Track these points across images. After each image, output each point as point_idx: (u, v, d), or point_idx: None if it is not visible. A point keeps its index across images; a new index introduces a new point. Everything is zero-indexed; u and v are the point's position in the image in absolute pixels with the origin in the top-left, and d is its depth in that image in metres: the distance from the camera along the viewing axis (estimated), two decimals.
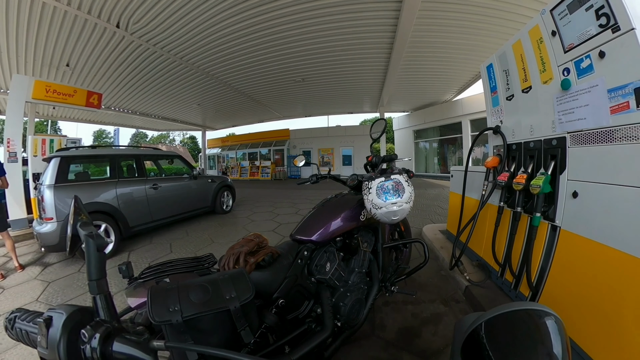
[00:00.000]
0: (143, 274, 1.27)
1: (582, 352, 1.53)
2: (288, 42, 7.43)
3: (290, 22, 6.40)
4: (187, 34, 6.78)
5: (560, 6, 1.73)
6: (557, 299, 1.78)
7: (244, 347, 1.11)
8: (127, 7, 5.60)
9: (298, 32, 6.87)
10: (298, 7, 5.83)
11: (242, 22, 6.36)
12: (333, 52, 8.08)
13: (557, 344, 0.45)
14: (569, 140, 1.77)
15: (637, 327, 1.29)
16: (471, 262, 2.89)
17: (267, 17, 6.15)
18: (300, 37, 7.17)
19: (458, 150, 13.99)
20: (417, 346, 1.89)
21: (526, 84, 2.17)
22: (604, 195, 1.51)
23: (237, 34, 6.87)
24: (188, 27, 6.48)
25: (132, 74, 8.97)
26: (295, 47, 7.77)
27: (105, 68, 8.24)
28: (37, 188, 3.98)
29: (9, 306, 2.68)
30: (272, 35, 6.99)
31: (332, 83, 11.00)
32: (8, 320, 0.56)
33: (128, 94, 10.74)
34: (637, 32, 1.35)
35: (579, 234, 1.65)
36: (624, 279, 1.37)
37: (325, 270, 1.56)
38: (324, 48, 7.85)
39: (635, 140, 1.38)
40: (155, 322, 0.93)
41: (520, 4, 5.56)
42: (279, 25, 6.55)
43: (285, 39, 7.23)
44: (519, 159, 2.26)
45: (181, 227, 5.43)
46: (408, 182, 1.67)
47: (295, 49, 7.89)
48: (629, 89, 1.39)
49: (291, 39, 7.25)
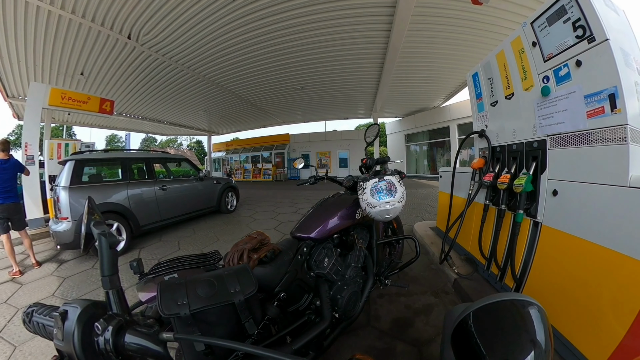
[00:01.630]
0: (153, 270, 1.27)
1: (563, 338, 1.54)
2: (288, 53, 7.43)
3: (291, 34, 6.41)
4: (194, 45, 6.77)
5: (540, 19, 1.75)
6: (540, 289, 1.79)
7: (248, 337, 1.11)
8: (138, 20, 5.59)
9: (298, 43, 6.87)
10: (298, 20, 5.84)
11: (246, 34, 6.37)
12: (330, 61, 8.09)
13: (540, 331, 0.45)
14: (548, 143, 1.79)
15: (613, 313, 1.30)
16: (459, 256, 2.89)
17: (269, 29, 6.15)
18: (300, 48, 7.18)
19: (446, 152, 14.03)
20: (410, 335, 1.89)
21: (509, 91, 2.19)
22: (581, 193, 1.53)
23: (240, 45, 6.87)
24: (195, 39, 6.47)
25: (143, 82, 8.93)
26: (295, 57, 7.78)
27: (117, 76, 8.21)
28: (53, 189, 3.96)
29: (27, 301, 2.66)
30: (273, 46, 7.00)
31: (329, 91, 11.01)
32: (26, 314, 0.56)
33: (138, 101, 10.70)
34: (610, 42, 1.36)
35: (559, 229, 1.66)
36: (601, 270, 1.38)
37: (324, 265, 1.56)
38: (321, 58, 7.86)
39: (609, 142, 1.39)
40: (164, 315, 0.93)
41: (503, 17, 5.60)
42: (280, 37, 6.56)
43: (286, 49, 7.24)
44: (503, 161, 2.27)
45: (188, 226, 5.41)
46: (400, 182, 1.67)
47: (295, 59, 7.90)
48: (603, 94, 1.41)
49: (291, 50, 7.26)
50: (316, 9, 5.47)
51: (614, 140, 1.37)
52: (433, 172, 14.81)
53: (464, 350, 0.47)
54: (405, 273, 2.74)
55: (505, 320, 0.48)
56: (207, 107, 12.73)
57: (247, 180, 19.10)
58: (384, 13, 5.55)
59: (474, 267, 2.62)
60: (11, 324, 2.26)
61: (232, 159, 22.78)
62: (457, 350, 0.48)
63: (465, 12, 5.48)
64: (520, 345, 0.45)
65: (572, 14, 1.52)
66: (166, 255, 3.84)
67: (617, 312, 1.28)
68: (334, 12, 5.61)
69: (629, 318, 1.22)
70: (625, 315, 1.24)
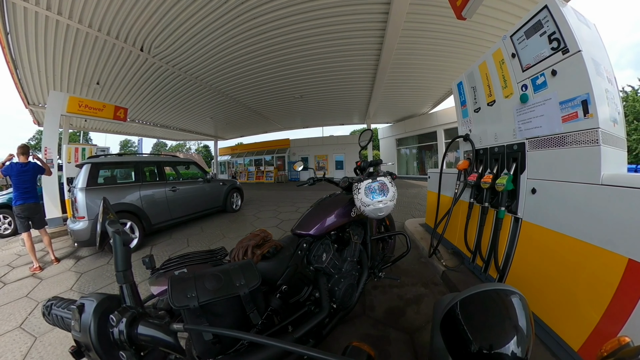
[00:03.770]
0: (164, 265, 1.26)
1: (543, 324, 1.55)
2: (288, 64, 7.44)
3: (291, 46, 6.42)
4: (202, 57, 6.76)
5: (519, 32, 1.76)
6: (521, 279, 1.79)
7: (253, 327, 1.10)
8: (150, 34, 5.58)
9: (297, 55, 6.88)
10: (297, 34, 5.85)
11: (249, 47, 6.37)
12: (327, 72, 8.11)
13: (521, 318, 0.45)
14: (527, 145, 1.80)
15: (588, 300, 1.31)
16: (447, 250, 2.90)
17: (271, 42, 6.17)
18: (299, 60, 7.19)
19: (434, 155, 14.07)
20: (403, 323, 1.89)
21: (491, 99, 2.20)
22: (557, 191, 1.54)
23: (244, 57, 6.87)
24: (202, 51, 6.46)
25: (154, 91, 8.90)
26: (295, 68, 7.79)
27: (130, 86, 8.17)
28: (70, 190, 3.93)
29: (46, 295, 2.64)
30: (274, 58, 7.00)
31: (326, 99, 11.02)
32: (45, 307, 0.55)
33: (150, 108, 10.65)
34: (583, 53, 1.38)
35: (538, 224, 1.67)
36: (577, 261, 1.39)
37: (322, 259, 1.56)
38: (319, 69, 7.87)
39: (583, 144, 1.40)
40: (175, 307, 0.92)
41: (485, 31, 5.64)
42: (281, 50, 6.57)
43: (286, 61, 7.24)
44: (486, 162, 2.28)
45: (197, 224, 5.38)
46: (392, 183, 1.67)
47: (294, 70, 7.91)
48: (577, 101, 1.42)
49: (291, 61, 7.26)
50: (314, 24, 5.50)
51: (586, 143, 1.38)
52: (422, 174, 14.85)
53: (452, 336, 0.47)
54: (397, 266, 2.74)
55: (489, 308, 0.48)
56: (214, 114, 12.70)
57: (251, 182, 19.05)
58: (376, 28, 5.58)
59: (461, 260, 2.62)
60: (32, 316, 2.24)
61: (236, 162, 22.73)
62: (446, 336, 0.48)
63: (450, 27, 5.52)
64: (503, 330, 0.45)
65: (547, 27, 1.54)
66: (176, 251, 3.81)
67: (592, 299, 1.29)
68: (330, 27, 5.63)
69: (603, 304, 1.23)
70: (599, 301, 1.25)
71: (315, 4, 4.90)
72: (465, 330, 0.46)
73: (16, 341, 1.91)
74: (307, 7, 4.97)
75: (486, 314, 0.48)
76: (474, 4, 2.41)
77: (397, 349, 1.64)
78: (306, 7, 4.97)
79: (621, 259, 1.17)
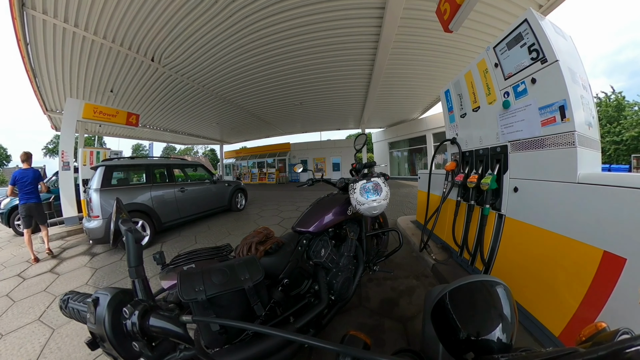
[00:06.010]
0: (173, 261, 1.25)
1: (526, 312, 1.56)
2: (289, 73, 7.44)
3: (292, 57, 6.43)
4: (209, 67, 6.74)
5: (501, 44, 1.77)
6: (505, 271, 1.80)
7: (257, 318, 1.10)
8: (160, 45, 5.56)
9: (297, 65, 6.89)
10: (297, 45, 5.87)
11: (253, 58, 6.37)
12: (325, 80, 8.12)
13: (506, 307, 0.45)
14: (509, 148, 1.81)
15: (567, 289, 1.32)
16: (436, 245, 2.90)
17: (273, 53, 6.18)
18: (299, 69, 7.20)
19: (423, 157, 14.11)
20: (396, 313, 1.89)
21: (476, 105, 2.21)
22: (538, 189, 1.55)
23: (248, 67, 6.87)
24: (209, 61, 6.45)
25: (164, 99, 8.86)
26: (295, 77, 7.80)
27: (142, 93, 8.12)
28: (86, 191, 3.90)
29: (63, 289, 2.62)
30: (276, 68, 7.01)
31: (323, 105, 11.02)
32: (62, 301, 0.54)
33: (160, 114, 10.60)
34: (560, 63, 1.39)
35: (520, 220, 1.68)
36: (556, 253, 1.39)
37: (321, 255, 1.55)
38: (317, 78, 7.88)
39: (560, 146, 1.41)
40: (184, 300, 0.92)
41: (471, 43, 5.68)
42: (282, 60, 6.58)
43: (287, 71, 7.25)
44: (472, 163, 2.29)
45: (204, 223, 5.36)
46: (385, 183, 1.67)
47: (294, 79, 7.91)
48: (555, 106, 1.43)
49: (292, 70, 7.27)
50: (313, 36, 5.51)
51: (564, 145, 1.39)
52: (412, 174, 14.88)
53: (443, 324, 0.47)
54: (391, 260, 2.74)
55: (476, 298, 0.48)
56: (220, 120, 12.66)
57: (254, 183, 19.01)
58: (370, 40, 5.61)
59: (449, 254, 2.63)
60: (50, 309, 2.22)
61: (241, 164, 22.66)
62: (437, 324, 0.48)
63: (438, 39, 5.54)
64: (489, 319, 0.45)
65: (527, 39, 1.55)
66: (185, 248, 3.79)
67: (571, 288, 1.30)
68: (328, 39, 5.65)
69: (581, 292, 1.24)
70: (577, 290, 1.26)
71: (313, 18, 4.93)
72: (454, 319, 0.46)
73: (35, 333, 1.89)
74: (306, 20, 4.99)
75: (473, 303, 0.48)
76: (460, 18, 2.43)
77: (391, 337, 1.64)
78: (305, 20, 4.99)
79: (597, 251, 1.18)
